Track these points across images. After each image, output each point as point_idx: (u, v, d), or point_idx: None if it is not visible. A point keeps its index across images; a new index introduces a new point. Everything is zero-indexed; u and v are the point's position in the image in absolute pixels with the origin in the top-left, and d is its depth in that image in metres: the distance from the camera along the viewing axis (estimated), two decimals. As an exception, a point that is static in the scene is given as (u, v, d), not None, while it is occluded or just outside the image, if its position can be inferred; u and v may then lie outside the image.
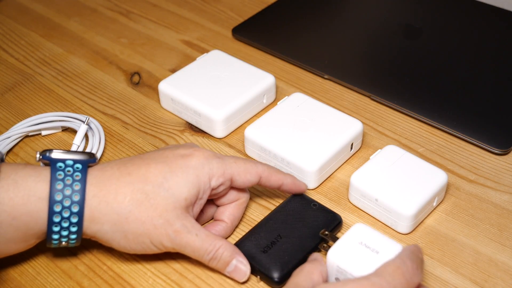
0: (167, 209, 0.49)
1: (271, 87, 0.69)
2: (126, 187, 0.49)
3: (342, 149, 0.61)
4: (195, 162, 0.51)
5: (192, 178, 0.51)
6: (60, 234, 0.49)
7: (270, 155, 0.61)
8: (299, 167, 0.59)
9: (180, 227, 0.50)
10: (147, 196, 0.49)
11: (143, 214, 0.49)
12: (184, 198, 0.50)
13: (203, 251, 0.50)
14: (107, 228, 0.49)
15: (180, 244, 0.50)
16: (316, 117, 0.63)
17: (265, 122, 0.63)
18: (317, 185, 0.60)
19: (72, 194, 0.48)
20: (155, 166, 0.51)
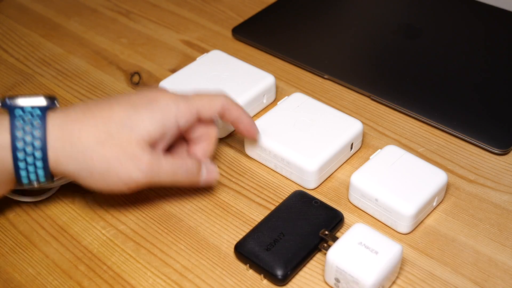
0: (131, 145, 0.51)
1: (271, 87, 0.69)
2: (90, 129, 0.51)
3: (342, 149, 0.61)
4: (162, 103, 0.53)
5: (157, 115, 0.52)
6: (29, 179, 0.51)
7: (270, 155, 0.61)
8: (299, 167, 0.59)
9: (148, 159, 0.51)
10: (111, 135, 0.51)
11: (107, 152, 0.50)
12: (147, 133, 0.52)
13: (173, 172, 0.53)
14: (73, 167, 0.51)
15: (151, 176, 0.52)
16: (316, 117, 0.63)
17: (266, 122, 0.63)
18: (317, 185, 0.60)
19: (33, 140, 0.49)
20: (119, 107, 0.52)
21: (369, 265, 0.48)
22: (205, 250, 0.55)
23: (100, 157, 0.51)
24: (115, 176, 0.51)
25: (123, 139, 0.51)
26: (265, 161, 0.63)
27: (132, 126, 0.51)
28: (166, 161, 0.53)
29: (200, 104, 0.55)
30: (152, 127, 0.52)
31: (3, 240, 0.57)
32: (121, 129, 0.51)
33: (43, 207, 0.60)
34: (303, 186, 0.60)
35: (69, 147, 0.50)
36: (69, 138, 0.50)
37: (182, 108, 0.54)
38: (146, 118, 0.52)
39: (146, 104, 0.53)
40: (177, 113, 0.53)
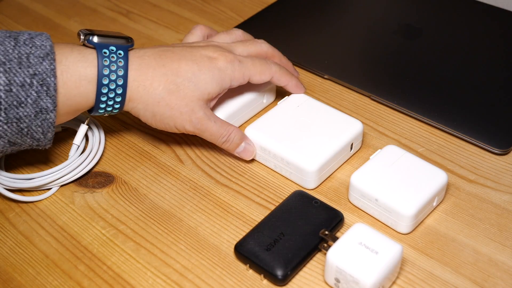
0: (192, 100, 0.60)
1: (271, 87, 0.69)
2: (161, 77, 0.59)
3: (342, 149, 0.61)
4: (220, 65, 0.61)
5: (217, 77, 0.60)
6: (105, 110, 0.59)
7: (270, 154, 0.61)
8: (299, 167, 0.59)
9: (202, 115, 0.60)
10: (178, 87, 0.59)
11: (172, 101, 0.59)
12: (208, 93, 0.60)
13: (219, 135, 0.61)
14: (141, 107, 0.59)
15: (200, 128, 0.60)
16: (316, 117, 0.63)
17: (266, 122, 0.63)
18: (317, 185, 0.60)
19: (117, 78, 0.57)
20: (185, 63, 0.60)
21: (369, 265, 0.48)
22: (205, 250, 0.55)
23: (166, 103, 0.59)
24: (172, 121, 0.60)
25: (188, 94, 0.59)
26: (265, 161, 0.63)
27: (197, 83, 0.60)
28: (215, 123, 0.61)
29: (252, 71, 0.63)
30: (211, 87, 0.60)
31: (3, 240, 0.57)
32: (187, 84, 0.59)
33: (43, 207, 0.60)
34: (303, 186, 0.60)
35: (143, 89, 0.58)
36: (144, 82, 0.58)
37: (237, 72, 0.62)
38: (208, 77, 0.60)
39: (208, 64, 0.60)
40: (232, 76, 0.61)
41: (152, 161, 0.65)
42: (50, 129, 0.55)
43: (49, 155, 0.66)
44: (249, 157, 0.63)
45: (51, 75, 0.53)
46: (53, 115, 0.54)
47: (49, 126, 0.55)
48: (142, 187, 0.62)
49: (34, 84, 0.53)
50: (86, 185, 0.62)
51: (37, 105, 0.53)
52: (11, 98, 0.52)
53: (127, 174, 0.63)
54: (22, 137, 0.54)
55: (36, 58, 0.53)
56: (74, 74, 0.55)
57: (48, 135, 0.55)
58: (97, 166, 0.64)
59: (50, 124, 0.55)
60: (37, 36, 0.55)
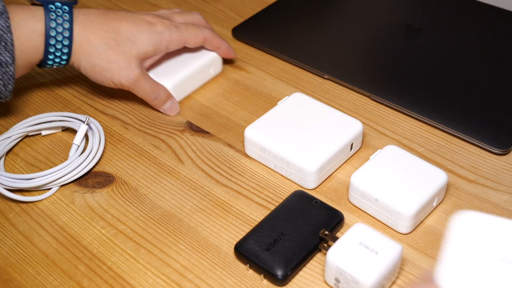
0: (130, 57, 0.65)
1: (216, 57, 0.74)
2: (103, 33, 0.65)
3: (342, 149, 0.61)
4: (158, 29, 0.67)
5: (154, 39, 0.66)
6: (54, 61, 0.64)
7: (270, 155, 0.61)
8: (299, 167, 0.59)
9: (138, 72, 0.66)
10: (117, 43, 0.65)
11: (112, 55, 0.65)
12: (144, 51, 0.66)
13: (151, 92, 0.67)
14: (83, 58, 0.65)
15: (136, 84, 0.66)
16: (316, 117, 0.63)
17: (265, 122, 0.63)
18: (316, 185, 0.60)
19: (63, 31, 0.63)
20: (126, 24, 0.66)
21: (369, 265, 0.48)
22: (205, 250, 0.55)
23: (106, 57, 0.65)
24: (109, 74, 0.65)
25: (126, 50, 0.65)
26: (265, 161, 0.63)
27: (135, 41, 0.65)
28: (147, 81, 0.67)
29: (188, 35, 0.69)
30: (147, 47, 0.66)
31: (3, 240, 0.57)
32: (126, 41, 0.65)
33: (43, 207, 0.60)
34: (303, 186, 0.60)
35: (86, 42, 0.64)
36: (87, 36, 0.64)
37: (174, 36, 0.68)
38: (145, 38, 0.66)
39: (147, 27, 0.66)
40: (169, 40, 0.67)
41: (152, 161, 0.65)
42: (10, 81, 0.62)
43: (49, 155, 0.66)
44: (173, 113, 0.69)
45: (7, 32, 0.59)
46: (13, 68, 0.61)
47: (10, 78, 0.61)
48: (142, 187, 0.62)
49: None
50: (86, 185, 0.62)
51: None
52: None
53: (127, 174, 0.63)
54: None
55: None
56: (26, 29, 0.61)
57: (8, 87, 0.62)
58: (97, 166, 0.64)
59: (10, 76, 0.61)
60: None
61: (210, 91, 0.74)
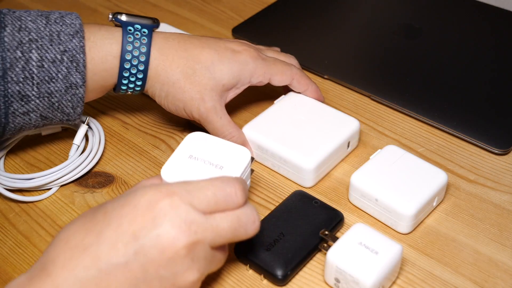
0: (206, 88, 0.60)
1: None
2: (180, 60, 0.60)
3: (339, 147, 0.61)
4: (242, 58, 0.61)
5: (235, 70, 0.61)
6: (128, 87, 0.61)
7: (268, 153, 0.61)
8: (297, 165, 0.59)
9: (210, 106, 0.61)
10: (195, 72, 0.60)
11: (187, 85, 0.60)
12: (222, 84, 0.61)
13: (220, 133, 0.61)
14: (158, 86, 0.61)
15: (205, 119, 0.61)
16: (313, 116, 0.63)
17: (263, 121, 0.63)
18: (314, 183, 0.60)
19: (139, 55, 0.59)
20: (208, 51, 0.61)
21: (369, 265, 0.48)
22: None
23: (180, 86, 0.60)
24: (181, 104, 0.61)
25: (202, 81, 0.60)
26: (263, 160, 0.63)
27: (213, 72, 0.60)
28: (220, 119, 0.61)
29: (274, 70, 0.63)
30: (227, 79, 0.61)
31: (3, 240, 0.57)
32: (204, 71, 0.60)
33: (43, 207, 0.60)
34: (301, 184, 0.61)
35: (162, 69, 0.60)
36: (164, 62, 0.60)
37: (259, 69, 0.62)
38: (226, 68, 0.61)
39: (230, 56, 0.61)
40: (253, 72, 0.62)
41: (152, 161, 0.65)
42: (79, 103, 0.58)
43: (49, 155, 0.66)
44: None
45: (80, 52, 0.56)
46: (82, 90, 0.57)
47: (79, 101, 0.58)
48: (142, 187, 0.62)
49: (64, 60, 0.56)
50: (86, 185, 0.62)
51: (67, 81, 0.56)
52: (43, 74, 0.55)
53: (127, 174, 0.63)
54: (53, 112, 0.57)
55: (66, 35, 0.56)
56: (101, 50, 0.58)
57: (77, 110, 0.58)
58: (97, 166, 0.64)
59: (79, 99, 0.57)
60: (67, 15, 0.58)
61: (210, 91, 0.73)
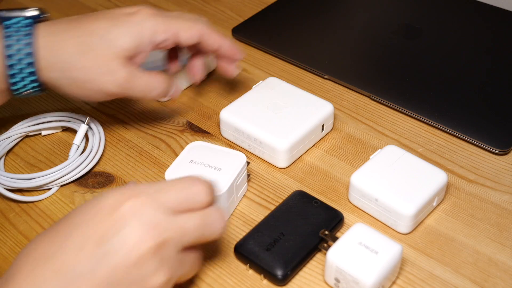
0: (110, 58, 0.55)
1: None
2: (72, 39, 0.54)
3: (313, 129, 0.63)
4: (139, 18, 0.56)
5: (133, 30, 0.55)
6: (23, 83, 0.54)
7: (244, 135, 0.63)
8: (271, 146, 0.61)
9: (125, 73, 0.55)
10: (91, 47, 0.54)
11: (87, 62, 0.54)
12: (124, 48, 0.55)
13: (152, 89, 0.57)
14: (57, 75, 0.55)
15: (126, 88, 0.56)
16: (289, 100, 0.65)
17: (240, 105, 0.65)
18: (288, 164, 0.62)
19: (24, 47, 0.53)
20: (99, 22, 0.56)
21: (369, 265, 0.48)
22: (205, 250, 0.55)
23: (80, 66, 0.54)
24: (94, 85, 0.55)
25: (103, 52, 0.54)
26: (240, 142, 0.64)
27: (111, 39, 0.55)
28: (140, 77, 0.56)
29: (179, 26, 0.57)
30: (127, 42, 0.55)
31: (3, 240, 0.57)
32: (100, 42, 0.54)
33: (43, 207, 0.60)
34: (275, 165, 0.62)
35: (53, 56, 0.54)
36: (54, 47, 0.54)
37: (160, 25, 0.56)
38: (123, 32, 0.55)
39: (125, 19, 0.56)
40: (154, 30, 0.56)
41: (152, 161, 0.65)
42: None
43: (49, 155, 0.66)
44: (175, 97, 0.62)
45: None
46: None
47: None
48: (142, 187, 0.62)
49: None
50: (86, 185, 0.62)
51: None
52: None
53: (127, 174, 0.63)
54: None
55: None
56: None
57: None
58: (97, 166, 0.64)
59: None
60: None
61: (210, 91, 0.73)
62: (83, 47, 0.54)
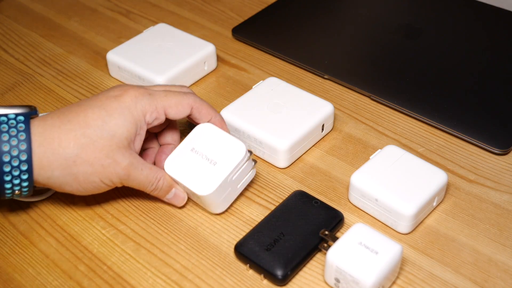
0: (112, 150, 0.53)
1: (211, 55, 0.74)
2: (68, 134, 0.52)
3: (313, 129, 0.63)
4: (128, 101, 0.55)
5: (128, 117, 0.54)
6: (12, 183, 0.51)
7: (244, 135, 0.63)
8: (271, 146, 0.61)
9: (127, 165, 0.54)
10: (91, 139, 0.53)
11: (90, 155, 0.53)
12: (125, 138, 0.54)
13: (147, 183, 0.56)
14: (58, 173, 0.52)
15: (128, 179, 0.55)
16: (289, 100, 0.65)
17: (240, 105, 0.65)
18: (288, 164, 0.62)
19: (19, 144, 0.50)
20: (92, 111, 0.54)
21: (369, 265, 0.48)
22: (205, 250, 0.55)
23: (83, 160, 0.53)
24: (97, 178, 0.54)
25: (105, 143, 0.53)
26: None
27: (109, 130, 0.53)
28: (142, 171, 0.55)
29: (167, 104, 0.56)
30: (126, 130, 0.54)
31: (3, 240, 0.57)
32: (101, 134, 0.53)
33: (43, 207, 0.60)
34: (275, 165, 0.62)
35: (51, 154, 0.52)
36: (51, 145, 0.52)
37: (148, 105, 0.55)
38: (120, 121, 0.54)
39: (116, 105, 0.54)
40: (145, 110, 0.55)
41: (152, 161, 0.65)
42: None
43: (49, 155, 0.65)
44: (180, 203, 0.58)
45: None
46: None
47: None
48: (142, 187, 0.62)
49: None
50: (86, 185, 0.62)
51: None
52: None
53: (127, 174, 0.63)
54: None
55: None
56: None
57: None
58: (97, 166, 0.64)
59: None
60: None
61: (210, 91, 0.74)
62: (82, 139, 0.53)
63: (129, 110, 0.54)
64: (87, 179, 0.53)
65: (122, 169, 0.54)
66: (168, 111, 0.57)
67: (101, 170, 0.53)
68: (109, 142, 0.53)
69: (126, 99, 0.55)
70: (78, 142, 0.52)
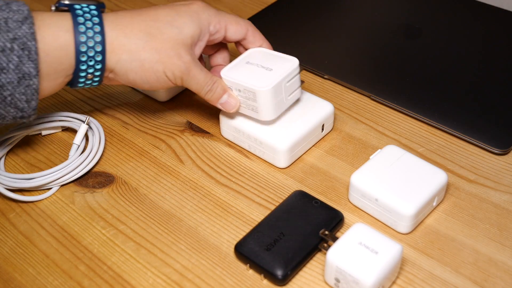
0: (177, 43, 0.57)
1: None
2: (140, 23, 0.57)
3: (313, 129, 0.63)
4: (197, 8, 0.60)
5: (196, 20, 0.59)
6: (87, 72, 0.56)
7: (244, 135, 0.63)
8: (271, 146, 0.61)
9: (189, 60, 0.58)
10: (160, 31, 0.57)
11: (158, 44, 0.57)
12: (190, 36, 0.58)
13: (205, 83, 0.59)
14: (126, 57, 0.56)
15: (188, 76, 0.58)
16: None
17: None
18: (288, 164, 0.62)
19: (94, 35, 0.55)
20: (162, 9, 0.59)
21: (369, 265, 0.48)
22: (205, 250, 0.55)
23: (151, 47, 0.57)
24: (161, 66, 0.57)
25: (171, 37, 0.57)
26: (240, 142, 0.65)
27: (178, 26, 0.58)
28: (201, 70, 0.59)
29: (228, 20, 0.61)
30: (193, 30, 0.59)
31: (3, 240, 0.57)
32: (169, 28, 0.57)
33: (43, 207, 0.60)
34: (275, 165, 0.62)
35: (123, 37, 0.56)
36: (123, 30, 0.56)
37: (213, 16, 0.60)
38: (187, 21, 0.58)
39: (185, 9, 0.59)
40: (210, 19, 0.60)
41: (152, 161, 0.65)
42: (34, 96, 0.54)
43: (49, 155, 0.66)
44: (231, 109, 0.62)
45: (31, 39, 0.52)
46: (36, 81, 0.53)
47: (33, 93, 0.53)
48: (142, 187, 0.62)
49: (15, 49, 0.51)
50: (86, 185, 0.62)
51: (19, 71, 0.52)
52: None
53: (127, 174, 0.63)
54: (6, 107, 0.53)
55: (14, 22, 0.52)
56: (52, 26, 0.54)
57: (32, 104, 0.54)
58: (97, 166, 0.64)
59: (33, 90, 0.53)
60: (13, 1, 0.53)
61: (210, 91, 0.74)
62: (152, 30, 0.57)
63: (197, 14, 0.59)
64: (152, 67, 0.57)
65: (184, 62, 0.58)
66: (228, 27, 0.61)
67: (166, 59, 0.57)
68: (175, 36, 0.57)
69: (194, 6, 0.60)
70: (148, 30, 0.57)
